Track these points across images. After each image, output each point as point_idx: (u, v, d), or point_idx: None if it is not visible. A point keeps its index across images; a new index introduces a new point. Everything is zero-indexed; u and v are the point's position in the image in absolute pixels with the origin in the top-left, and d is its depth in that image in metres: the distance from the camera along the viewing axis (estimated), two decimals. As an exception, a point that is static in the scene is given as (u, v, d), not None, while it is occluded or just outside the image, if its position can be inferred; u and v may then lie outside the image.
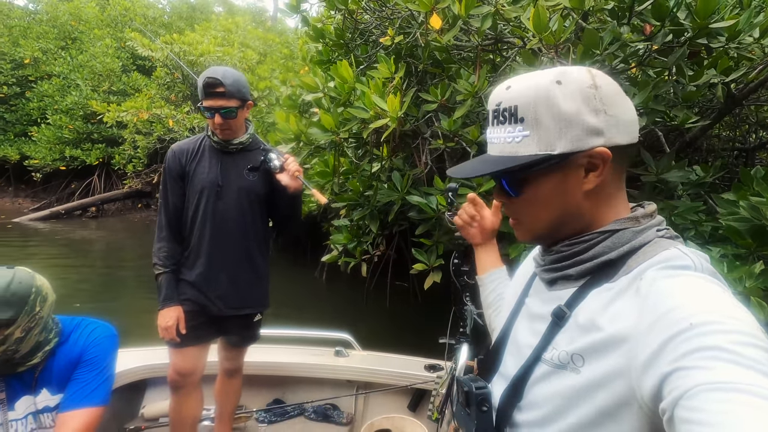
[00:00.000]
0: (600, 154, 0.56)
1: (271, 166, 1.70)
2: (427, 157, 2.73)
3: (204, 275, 1.70)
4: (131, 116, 8.64)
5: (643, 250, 0.57)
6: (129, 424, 2.08)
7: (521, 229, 0.66)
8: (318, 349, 2.29)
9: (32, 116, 11.73)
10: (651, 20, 1.76)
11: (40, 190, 12.22)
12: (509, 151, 0.60)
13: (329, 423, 2.20)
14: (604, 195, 0.60)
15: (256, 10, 16.22)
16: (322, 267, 6.02)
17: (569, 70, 0.58)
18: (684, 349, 0.44)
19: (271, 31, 12.83)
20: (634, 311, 0.52)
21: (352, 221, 2.61)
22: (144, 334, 2.17)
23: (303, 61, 4.08)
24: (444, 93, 2.15)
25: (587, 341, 0.55)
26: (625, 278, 0.56)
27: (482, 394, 0.64)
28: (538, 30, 1.60)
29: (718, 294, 0.50)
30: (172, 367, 1.71)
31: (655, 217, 0.61)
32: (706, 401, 0.40)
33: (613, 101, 0.57)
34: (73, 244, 8.80)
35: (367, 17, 2.77)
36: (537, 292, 0.69)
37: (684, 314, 0.46)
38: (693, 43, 1.73)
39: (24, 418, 1.23)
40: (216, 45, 9.19)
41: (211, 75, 1.61)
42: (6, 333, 1.13)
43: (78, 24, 12.81)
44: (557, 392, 0.56)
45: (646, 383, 0.47)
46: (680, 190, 2.21)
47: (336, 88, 2.22)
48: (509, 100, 0.59)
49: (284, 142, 2.34)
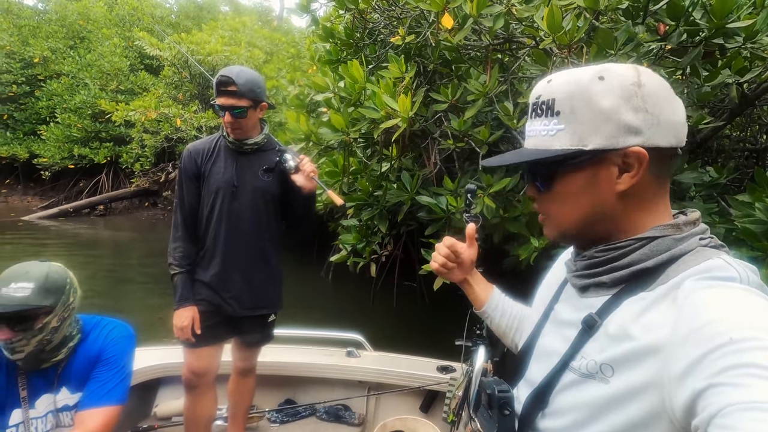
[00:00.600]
0: (636, 154, 0.54)
1: (287, 166, 1.70)
2: (437, 158, 2.72)
3: (219, 275, 1.70)
4: (139, 115, 8.69)
5: (684, 259, 0.54)
6: (142, 423, 2.09)
7: (549, 225, 0.65)
8: (329, 350, 2.29)
9: (41, 115, 11.84)
10: (666, 20, 1.74)
11: (49, 189, 12.33)
12: (543, 144, 0.59)
13: (341, 424, 2.20)
14: (640, 199, 0.58)
15: (262, 9, 16.26)
16: (328, 266, 6.03)
17: (614, 67, 0.57)
18: (721, 365, 0.42)
19: (277, 30, 12.85)
20: (669, 321, 0.50)
21: (361, 221, 2.61)
22: (151, 331, 2.18)
23: (311, 60, 4.09)
24: (454, 93, 2.14)
25: (618, 351, 0.53)
26: (662, 288, 0.54)
27: (504, 397, 0.63)
28: (551, 30, 1.59)
29: (763, 308, 0.46)
30: (187, 367, 1.72)
31: (698, 225, 0.58)
32: (741, 420, 0.38)
33: (656, 100, 0.55)
34: (82, 242, 8.88)
35: (377, 16, 2.77)
36: (568, 298, 0.67)
37: (723, 328, 0.44)
38: (708, 43, 1.72)
39: (44, 416, 1.25)
40: (223, 44, 9.22)
41: (225, 73, 1.62)
42: (45, 321, 1.18)
43: (86, 23, 12.90)
44: (584, 402, 0.55)
45: (678, 397, 0.45)
46: (693, 191, 2.19)
47: (346, 88, 2.22)
48: (548, 93, 0.58)
49: (294, 142, 2.35)
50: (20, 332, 1.15)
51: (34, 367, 1.23)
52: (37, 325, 1.17)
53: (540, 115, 0.59)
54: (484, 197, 2.17)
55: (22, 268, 1.19)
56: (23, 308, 1.14)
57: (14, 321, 1.15)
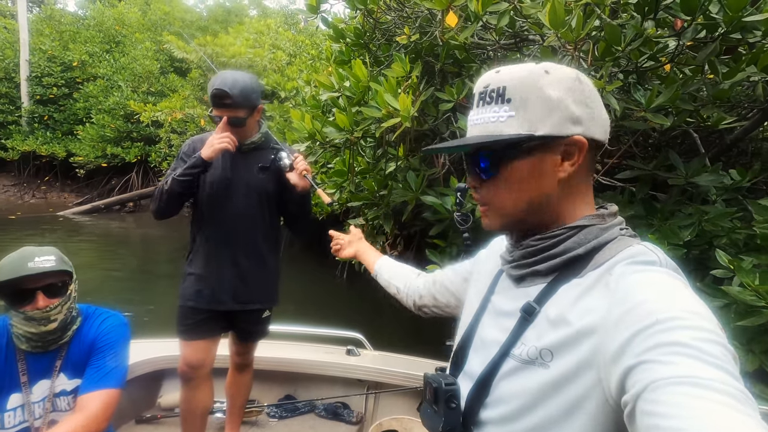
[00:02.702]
0: (577, 142, 0.59)
1: (281, 164, 1.71)
2: (445, 158, 2.69)
3: (212, 270, 1.73)
4: (165, 116, 9.00)
5: (609, 246, 0.59)
6: (146, 413, 2.16)
7: (490, 214, 0.66)
8: (330, 347, 2.30)
9: (78, 116, 12.45)
10: (681, 15, 1.66)
11: (84, 186, 12.94)
12: (493, 130, 0.61)
13: (339, 421, 2.20)
14: (573, 189, 0.62)
15: (289, 12, 16.53)
16: (342, 266, 6.06)
17: (556, 65, 0.61)
18: (648, 343, 0.45)
19: (302, 33, 13.05)
20: (603, 305, 0.53)
21: (367, 220, 2.60)
22: (175, 324, 2.21)
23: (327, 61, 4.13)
24: (460, 91, 2.11)
25: (556, 336, 0.55)
26: (593, 273, 0.57)
27: (451, 390, 0.64)
28: (554, 25, 1.54)
29: (681, 290, 0.51)
30: (182, 359, 1.76)
31: (617, 217, 0.63)
32: (667, 394, 0.41)
33: (593, 97, 0.61)
34: (112, 237, 9.26)
35: (389, 17, 2.77)
36: (503, 289, 0.69)
37: (649, 309, 0.48)
38: (726, 38, 1.62)
39: (41, 401, 1.30)
40: (248, 47, 9.43)
41: (219, 86, 1.60)
42: (70, 288, 1.29)
43: (121, 28, 13.48)
44: (526, 388, 0.56)
45: (612, 376, 0.48)
46: (713, 194, 2.07)
47: (351, 87, 2.22)
48: (498, 81, 0.61)
49: (300, 140, 2.37)
50: (55, 298, 1.25)
51: (43, 349, 1.29)
52: (68, 290, 1.28)
53: (489, 103, 0.62)
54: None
55: (31, 248, 1.26)
56: (57, 272, 1.24)
57: (48, 288, 1.24)
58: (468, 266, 0.89)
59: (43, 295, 1.23)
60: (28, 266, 1.20)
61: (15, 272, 1.18)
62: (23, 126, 12.71)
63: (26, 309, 1.22)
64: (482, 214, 0.67)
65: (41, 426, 1.29)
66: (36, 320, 1.23)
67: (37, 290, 1.22)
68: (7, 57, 12.74)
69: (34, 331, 1.24)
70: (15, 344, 1.28)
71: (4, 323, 1.29)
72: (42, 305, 1.22)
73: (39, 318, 1.23)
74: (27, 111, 12.61)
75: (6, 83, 12.71)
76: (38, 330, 1.24)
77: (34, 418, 1.28)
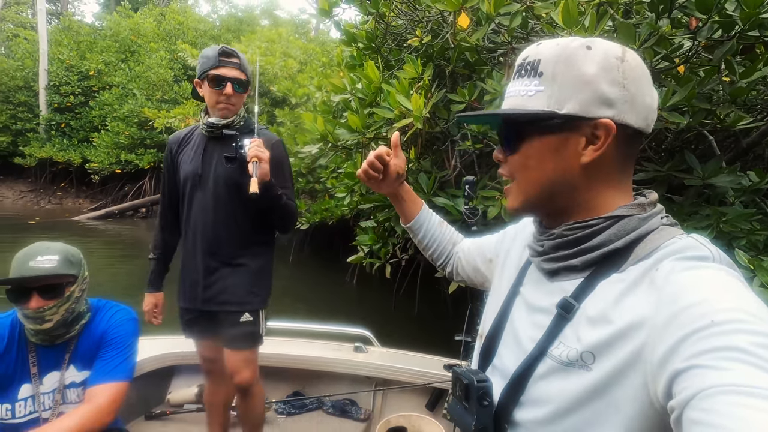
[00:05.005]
0: (604, 125, 0.54)
1: (243, 152, 1.52)
2: (456, 160, 2.69)
3: (186, 269, 1.68)
4: (178, 122, 9.13)
5: (650, 237, 0.55)
6: (155, 409, 2.17)
7: (514, 192, 0.63)
8: (338, 344, 2.30)
9: (94, 123, 12.70)
10: (696, 13, 1.65)
11: (98, 192, 13.16)
12: (519, 104, 0.58)
13: (347, 418, 2.20)
14: (606, 176, 0.58)
15: (300, 22, 16.78)
16: (353, 270, 6.06)
17: (603, 41, 0.57)
18: (702, 347, 0.41)
19: (313, 41, 13.22)
20: (649, 304, 0.49)
21: (378, 222, 2.60)
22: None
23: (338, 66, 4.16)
24: (472, 93, 2.12)
25: (598, 336, 0.52)
26: (636, 268, 0.53)
27: (483, 387, 0.60)
28: (567, 24, 1.54)
29: (740, 290, 0.46)
30: (199, 354, 1.77)
31: (657, 205, 0.59)
32: (720, 404, 0.37)
33: (635, 79, 0.55)
34: (125, 242, 9.39)
35: (400, 22, 2.79)
36: (534, 281, 0.65)
37: (705, 310, 0.44)
38: (743, 36, 1.60)
39: (51, 392, 1.32)
40: (259, 55, 9.57)
41: (223, 45, 1.55)
42: (71, 290, 1.28)
43: (137, 38, 13.78)
44: (565, 390, 0.53)
45: (660, 379, 0.44)
46: (731, 196, 2.04)
47: (363, 89, 2.24)
48: (535, 54, 0.58)
49: (312, 142, 2.39)
50: (50, 300, 1.24)
51: (50, 342, 1.31)
52: (65, 293, 1.27)
53: (523, 76, 0.59)
54: (502, 200, 2.11)
55: (41, 244, 1.28)
56: (54, 275, 1.23)
57: (45, 290, 1.24)
58: (493, 244, 0.85)
59: (38, 297, 1.23)
60: (29, 265, 1.21)
61: (16, 270, 1.21)
62: (41, 133, 13.00)
63: (22, 307, 1.24)
64: (505, 192, 0.65)
65: (50, 417, 1.30)
66: (31, 318, 1.25)
67: (33, 290, 1.23)
68: (26, 67, 13.10)
69: (32, 327, 1.26)
70: (27, 336, 1.31)
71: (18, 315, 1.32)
72: (34, 306, 1.22)
73: (33, 317, 1.24)
74: (45, 119, 12.91)
75: (25, 92, 13.04)
76: (35, 327, 1.26)
77: (43, 408, 1.30)
